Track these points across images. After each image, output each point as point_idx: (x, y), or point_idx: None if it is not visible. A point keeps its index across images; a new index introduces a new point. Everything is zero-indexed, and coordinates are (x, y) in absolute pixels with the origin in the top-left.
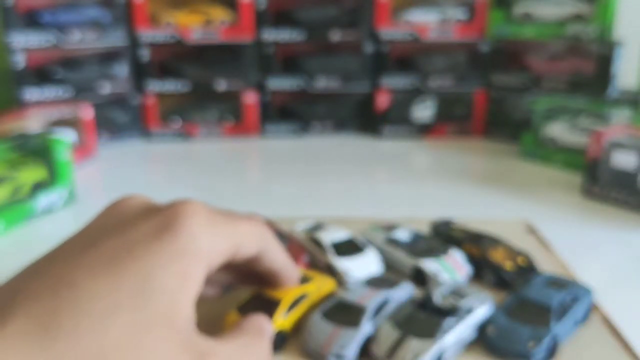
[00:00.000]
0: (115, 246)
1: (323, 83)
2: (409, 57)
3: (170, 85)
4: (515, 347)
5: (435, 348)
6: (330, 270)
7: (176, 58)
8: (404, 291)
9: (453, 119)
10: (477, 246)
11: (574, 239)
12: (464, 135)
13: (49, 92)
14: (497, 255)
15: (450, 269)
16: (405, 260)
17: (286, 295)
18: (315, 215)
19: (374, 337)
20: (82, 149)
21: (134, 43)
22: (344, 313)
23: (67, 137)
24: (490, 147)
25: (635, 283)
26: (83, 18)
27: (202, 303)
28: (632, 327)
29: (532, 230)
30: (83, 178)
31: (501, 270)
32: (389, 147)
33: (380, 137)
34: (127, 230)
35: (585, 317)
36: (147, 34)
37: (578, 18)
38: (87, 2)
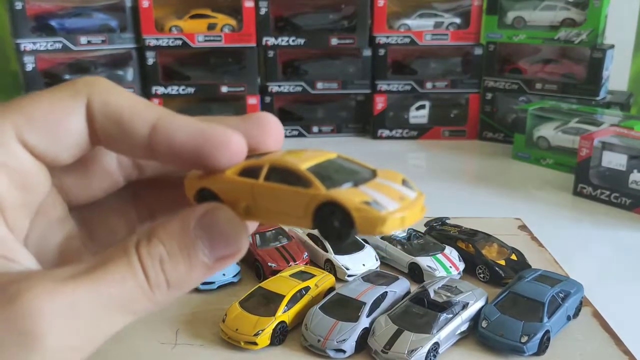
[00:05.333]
0: None
1: (323, 86)
2: (405, 62)
3: (175, 89)
4: (509, 341)
5: (430, 343)
6: (330, 267)
7: (181, 62)
8: (401, 287)
9: (448, 121)
10: (471, 243)
11: (565, 237)
12: (459, 137)
13: None
14: (491, 252)
15: (445, 265)
16: (402, 256)
17: (288, 291)
18: None
19: (371, 331)
20: None
21: (141, 47)
22: (343, 308)
23: None
24: (484, 148)
25: (624, 279)
26: (91, 23)
27: (203, 298)
28: (621, 320)
29: (524, 228)
30: None
31: (494, 267)
32: (386, 149)
33: (377, 139)
34: None
35: (576, 312)
36: (154, 38)
37: (570, 23)
38: (95, 7)
